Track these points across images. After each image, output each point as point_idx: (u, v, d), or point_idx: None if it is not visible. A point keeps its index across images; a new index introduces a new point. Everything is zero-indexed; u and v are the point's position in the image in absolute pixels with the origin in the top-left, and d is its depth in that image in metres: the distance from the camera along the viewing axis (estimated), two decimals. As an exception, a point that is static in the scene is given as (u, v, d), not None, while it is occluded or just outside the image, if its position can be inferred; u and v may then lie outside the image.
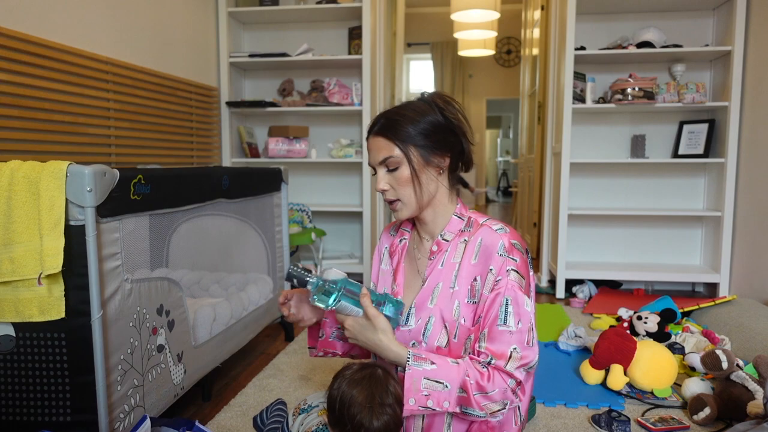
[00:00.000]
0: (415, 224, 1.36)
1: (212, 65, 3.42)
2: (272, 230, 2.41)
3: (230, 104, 3.47)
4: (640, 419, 1.69)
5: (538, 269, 3.83)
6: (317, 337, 1.40)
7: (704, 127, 3.21)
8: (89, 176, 1.20)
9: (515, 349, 1.14)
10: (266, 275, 2.38)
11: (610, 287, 3.45)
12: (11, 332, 1.26)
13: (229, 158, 3.51)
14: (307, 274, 1.19)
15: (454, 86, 9.39)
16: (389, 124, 1.21)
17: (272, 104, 3.48)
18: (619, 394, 1.90)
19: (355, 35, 3.52)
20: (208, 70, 3.36)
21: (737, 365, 1.73)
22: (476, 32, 5.78)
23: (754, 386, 1.63)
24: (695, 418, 1.67)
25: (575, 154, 3.36)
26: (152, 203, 1.44)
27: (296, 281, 1.19)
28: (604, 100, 3.26)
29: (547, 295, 3.44)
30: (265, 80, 3.76)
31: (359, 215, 3.64)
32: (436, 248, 1.27)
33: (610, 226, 3.54)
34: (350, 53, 3.54)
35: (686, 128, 3.28)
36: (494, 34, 5.91)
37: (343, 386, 1.16)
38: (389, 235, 1.43)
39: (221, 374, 2.09)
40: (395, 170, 1.21)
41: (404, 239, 1.37)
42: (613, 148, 3.47)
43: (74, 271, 1.22)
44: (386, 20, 3.92)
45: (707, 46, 3.16)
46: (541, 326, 2.68)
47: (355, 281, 1.23)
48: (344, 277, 1.21)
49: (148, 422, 1.21)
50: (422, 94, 1.28)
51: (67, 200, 1.21)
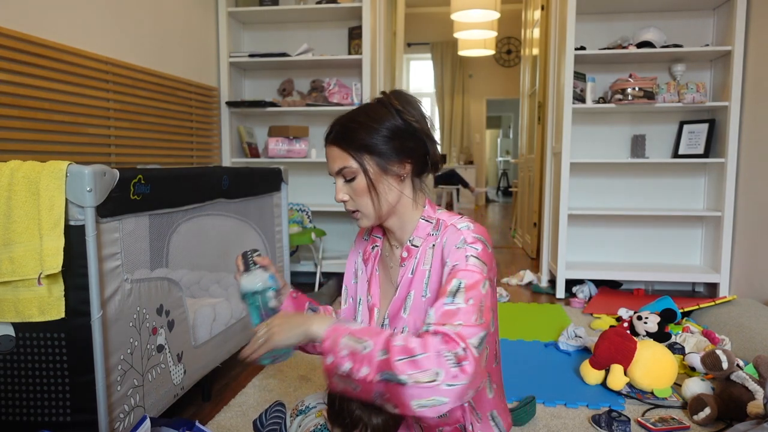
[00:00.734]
0: (384, 231, 1.30)
1: (212, 65, 3.41)
2: (272, 230, 2.41)
3: (230, 104, 3.47)
4: (640, 419, 1.69)
5: (538, 269, 3.83)
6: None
7: (704, 127, 3.21)
8: (89, 176, 1.20)
9: (459, 323, 0.99)
10: (266, 275, 2.38)
11: (610, 287, 3.45)
12: (11, 332, 1.26)
13: (229, 158, 3.51)
14: (253, 267, 1.22)
15: (454, 86, 9.40)
16: (343, 132, 1.14)
17: (272, 104, 3.48)
18: (619, 394, 1.90)
19: (355, 35, 3.52)
20: (208, 70, 3.36)
21: (737, 365, 1.73)
22: (476, 32, 5.78)
23: (754, 386, 1.63)
24: (695, 418, 1.67)
25: (575, 154, 3.36)
26: (152, 203, 1.44)
27: (243, 264, 1.22)
28: (604, 100, 3.26)
29: (547, 295, 3.44)
30: (265, 80, 3.76)
31: (359, 215, 3.64)
32: (406, 254, 1.22)
33: (610, 226, 3.54)
34: (350, 53, 3.54)
35: (686, 128, 3.28)
36: (494, 34, 5.91)
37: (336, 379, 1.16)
38: (362, 239, 1.38)
39: (221, 374, 2.09)
40: (352, 180, 1.15)
41: (376, 246, 1.32)
42: (613, 148, 3.47)
43: (74, 271, 1.22)
44: (386, 20, 3.92)
45: (707, 46, 3.16)
46: (541, 326, 2.69)
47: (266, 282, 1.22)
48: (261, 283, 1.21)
49: (148, 422, 1.21)
50: (380, 93, 1.20)
51: (67, 200, 1.21)
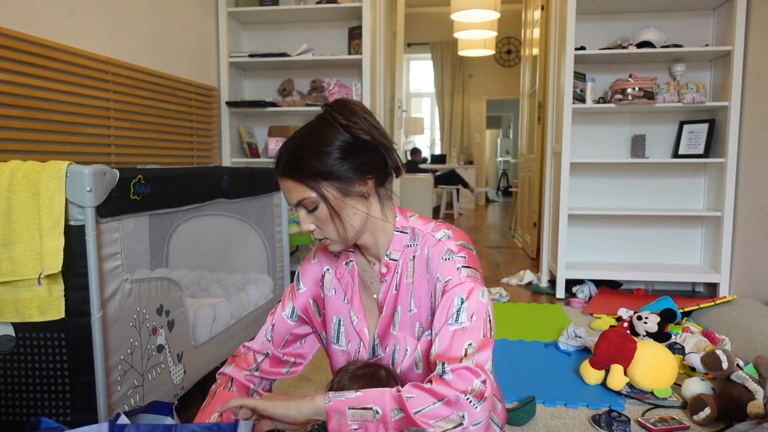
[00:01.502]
0: (357, 246, 1.22)
1: (212, 65, 3.42)
2: (272, 230, 2.41)
3: (230, 104, 3.47)
4: (640, 419, 1.69)
5: (538, 269, 3.83)
6: None
7: (704, 127, 3.21)
8: (89, 176, 1.20)
9: (470, 344, 0.99)
10: (266, 275, 2.38)
11: (610, 287, 3.45)
12: (11, 332, 1.26)
13: (229, 158, 3.51)
14: None
15: (454, 86, 9.40)
16: (293, 162, 1.05)
17: (272, 104, 3.48)
18: (619, 394, 1.90)
19: (355, 35, 3.52)
20: (208, 70, 3.36)
21: (737, 365, 1.73)
22: (476, 32, 5.78)
23: (754, 386, 1.63)
24: (695, 418, 1.67)
25: (575, 154, 3.36)
26: (152, 203, 1.44)
27: None
28: (604, 100, 3.26)
29: (547, 295, 3.44)
30: (265, 80, 3.76)
31: (359, 215, 3.64)
32: (385, 270, 1.16)
33: (610, 226, 3.54)
34: (350, 53, 3.54)
35: (686, 128, 3.29)
36: (494, 34, 5.91)
37: (344, 381, 1.14)
38: (332, 256, 1.25)
39: (221, 374, 2.09)
40: (314, 210, 1.07)
41: (351, 261, 1.23)
42: (613, 148, 3.47)
43: (74, 271, 1.22)
44: (386, 20, 3.92)
45: (707, 46, 3.16)
46: (541, 326, 2.69)
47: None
48: None
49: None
50: (322, 108, 1.11)
51: (66, 200, 1.21)
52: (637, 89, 3.07)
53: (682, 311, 2.55)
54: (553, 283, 3.51)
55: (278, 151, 1.09)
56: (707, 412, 1.65)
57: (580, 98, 3.25)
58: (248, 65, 3.62)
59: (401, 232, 1.16)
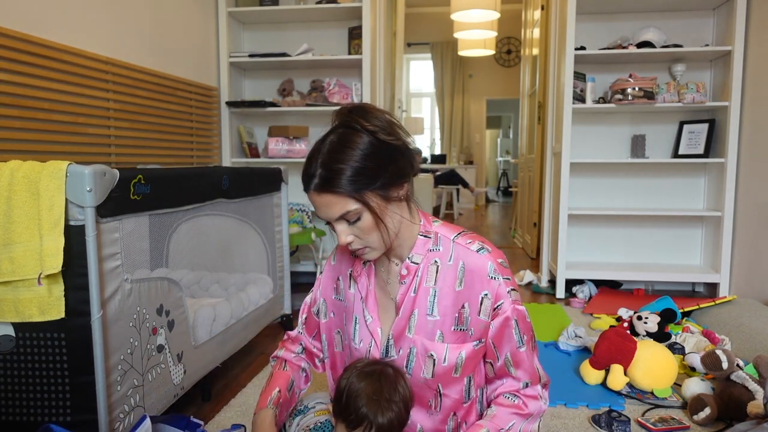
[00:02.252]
0: None
1: (212, 65, 3.41)
2: (272, 230, 2.41)
3: (230, 104, 3.47)
4: (640, 419, 1.69)
5: (538, 269, 3.83)
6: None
7: (704, 127, 3.21)
8: (89, 176, 1.20)
9: (537, 367, 1.18)
10: (266, 275, 2.38)
11: (610, 287, 3.45)
12: (11, 332, 1.26)
13: (229, 158, 3.51)
14: None
15: (454, 86, 9.40)
16: (331, 176, 1.02)
17: (272, 104, 3.48)
18: (619, 394, 1.90)
19: (355, 35, 3.52)
20: (208, 70, 3.36)
21: (737, 365, 1.73)
22: (476, 32, 5.78)
23: (754, 386, 1.63)
24: (695, 418, 1.67)
25: (575, 154, 3.36)
26: (152, 203, 1.44)
27: None
28: (604, 100, 3.26)
29: (547, 295, 3.44)
30: (265, 80, 3.76)
31: (359, 215, 3.64)
32: (405, 272, 1.17)
33: (610, 226, 3.54)
34: (350, 53, 3.54)
35: (686, 128, 3.29)
36: (494, 34, 5.91)
37: (352, 377, 1.14)
38: (350, 256, 1.27)
39: (221, 374, 2.09)
40: (357, 221, 1.06)
41: (368, 261, 1.24)
42: (613, 148, 3.47)
43: (74, 271, 1.22)
44: (386, 20, 3.92)
45: (707, 46, 3.16)
46: (541, 326, 2.68)
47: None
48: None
49: (148, 422, 1.21)
50: (338, 114, 1.09)
51: (67, 200, 1.21)
52: (637, 89, 3.07)
53: (682, 311, 2.55)
54: (553, 283, 3.51)
55: (307, 167, 1.06)
56: (707, 412, 1.65)
57: (580, 98, 3.25)
58: (248, 65, 3.62)
59: (425, 236, 1.17)
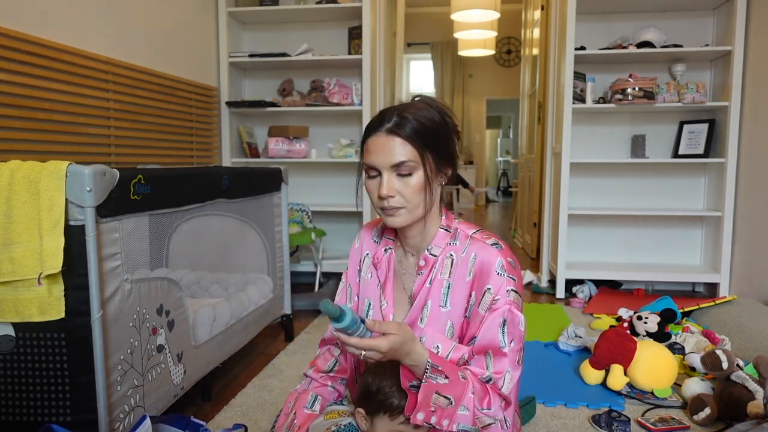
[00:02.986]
0: (397, 234, 1.27)
1: (212, 65, 3.41)
2: (272, 230, 2.41)
3: (230, 104, 3.46)
4: (640, 419, 1.69)
5: (538, 269, 3.83)
6: None
7: (704, 127, 3.21)
8: (89, 176, 1.20)
9: (509, 371, 1.14)
10: (266, 275, 2.38)
11: (610, 287, 3.45)
12: (11, 332, 1.26)
13: (229, 158, 3.51)
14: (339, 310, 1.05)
15: (454, 86, 9.40)
16: (408, 124, 1.09)
17: (272, 104, 3.48)
18: (619, 394, 1.90)
19: (355, 35, 3.52)
20: (208, 70, 3.36)
21: (737, 365, 1.73)
22: (476, 32, 5.78)
23: (754, 386, 1.63)
24: (695, 418, 1.67)
25: (575, 154, 3.35)
26: (152, 203, 1.44)
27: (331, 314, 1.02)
28: (604, 100, 3.26)
29: (547, 295, 3.44)
30: (265, 80, 3.76)
31: (359, 215, 3.64)
32: (423, 263, 1.20)
33: (610, 226, 3.54)
34: (350, 53, 3.54)
35: (686, 128, 3.28)
36: (494, 34, 5.91)
37: (376, 374, 1.18)
38: (372, 241, 1.32)
39: (221, 374, 2.09)
40: (407, 176, 1.10)
41: (389, 249, 1.28)
42: (613, 148, 3.46)
43: (74, 271, 1.22)
44: (386, 20, 3.92)
45: (707, 46, 3.16)
46: (541, 326, 2.68)
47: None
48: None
49: (148, 422, 1.21)
50: (422, 97, 1.18)
51: (66, 200, 1.20)
52: (637, 89, 3.07)
53: (682, 311, 2.55)
54: (553, 283, 3.51)
55: (379, 116, 1.13)
56: (707, 412, 1.65)
57: (580, 98, 3.25)
58: (248, 65, 3.62)
59: (445, 230, 1.20)
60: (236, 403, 1.84)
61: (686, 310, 2.62)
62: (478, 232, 1.20)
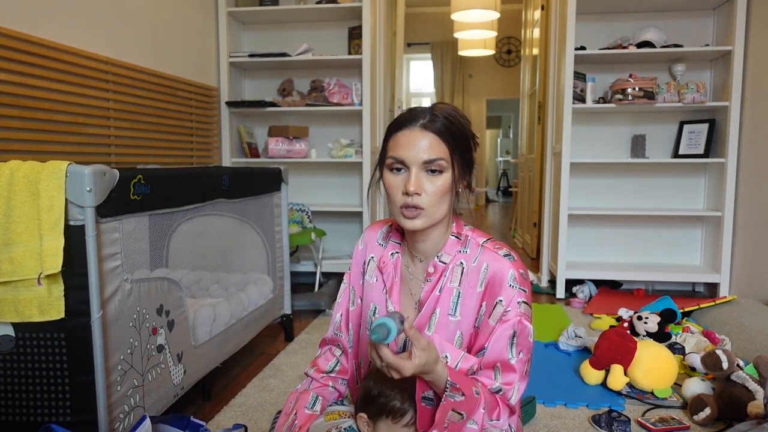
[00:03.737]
0: (404, 238, 1.26)
1: (212, 65, 3.41)
2: (272, 230, 2.41)
3: (230, 104, 3.46)
4: (640, 419, 1.69)
5: (538, 269, 3.83)
6: None
7: (704, 127, 3.21)
8: (89, 176, 1.20)
9: (518, 382, 1.15)
10: (266, 275, 2.38)
11: (610, 287, 3.45)
12: (11, 332, 1.26)
13: (229, 158, 3.51)
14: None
15: (454, 86, 9.39)
16: (447, 125, 1.09)
17: (272, 104, 3.48)
18: (619, 394, 1.90)
19: (355, 35, 3.52)
20: (207, 70, 3.36)
21: (737, 365, 1.73)
22: (476, 32, 5.78)
23: (754, 386, 1.63)
24: (695, 418, 1.67)
25: (575, 154, 3.35)
26: (152, 203, 1.44)
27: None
28: (604, 100, 3.26)
29: (547, 295, 3.44)
30: (265, 80, 3.76)
31: (359, 215, 3.64)
32: (432, 270, 1.18)
33: (610, 226, 3.54)
34: (350, 53, 3.54)
35: (686, 128, 3.28)
36: (494, 34, 5.91)
37: (377, 378, 1.17)
38: (377, 244, 1.29)
39: (221, 374, 2.09)
40: (437, 175, 1.09)
41: (396, 253, 1.26)
42: (613, 148, 3.46)
43: (74, 271, 1.22)
44: (386, 20, 3.92)
45: (707, 46, 3.16)
46: (541, 326, 2.68)
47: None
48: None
49: (148, 422, 1.21)
50: (443, 103, 1.17)
51: (66, 200, 1.20)
52: (637, 89, 3.07)
53: (682, 311, 2.55)
54: (553, 283, 3.51)
55: (411, 112, 1.12)
56: (707, 412, 1.65)
57: (580, 98, 3.25)
58: (248, 65, 3.62)
59: (456, 237, 1.19)
60: (236, 403, 1.84)
61: (686, 310, 2.62)
62: (489, 241, 1.19)
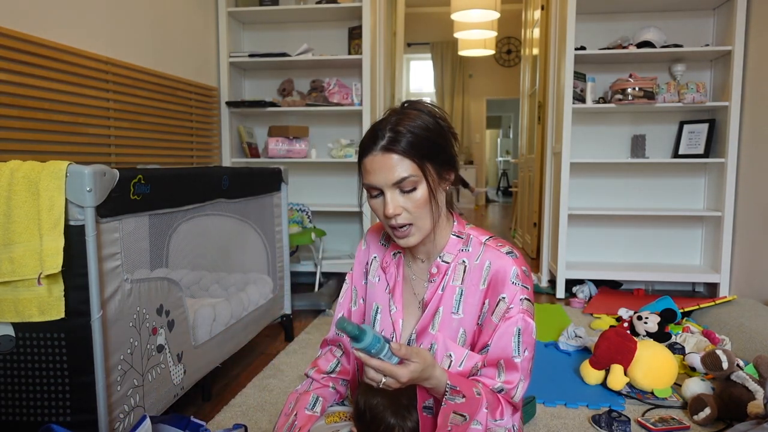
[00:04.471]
0: None
1: (212, 65, 3.41)
2: (272, 230, 2.41)
3: (230, 104, 3.46)
4: (640, 419, 1.69)
5: (538, 269, 3.83)
6: None
7: (704, 127, 3.21)
8: (89, 176, 1.20)
9: (521, 380, 1.13)
10: (266, 275, 2.38)
11: (610, 287, 3.45)
12: (11, 332, 1.26)
13: (229, 158, 3.51)
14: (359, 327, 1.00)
15: (454, 86, 9.40)
16: (403, 138, 1.05)
17: (272, 104, 3.48)
18: (619, 394, 1.90)
19: (355, 35, 3.52)
20: (208, 70, 3.36)
21: (737, 365, 1.73)
22: (476, 32, 5.78)
23: (754, 386, 1.63)
24: (695, 418, 1.67)
25: (575, 154, 3.35)
26: (152, 203, 1.44)
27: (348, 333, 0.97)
28: (604, 100, 3.26)
29: (547, 295, 3.44)
30: (265, 80, 3.76)
31: (359, 215, 3.64)
32: (436, 270, 1.18)
33: (610, 226, 3.54)
34: (350, 53, 3.54)
35: (686, 128, 3.28)
36: (494, 34, 5.91)
37: (368, 394, 1.15)
38: (380, 244, 1.30)
39: (221, 374, 2.09)
40: (411, 191, 1.07)
41: (398, 253, 1.26)
42: (613, 148, 3.46)
43: (74, 271, 1.22)
44: (386, 20, 3.92)
45: (707, 45, 3.16)
46: (541, 326, 2.68)
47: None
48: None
49: (148, 422, 1.21)
50: (410, 103, 1.14)
51: (66, 200, 1.20)
52: (637, 89, 3.07)
53: (682, 311, 2.55)
54: (553, 283, 3.51)
55: (371, 134, 1.08)
56: (707, 412, 1.65)
57: (580, 98, 3.25)
58: (248, 65, 3.62)
59: (457, 236, 1.19)
60: (236, 403, 1.84)
61: (686, 310, 2.62)
62: (491, 239, 1.19)
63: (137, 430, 1.19)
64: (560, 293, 3.29)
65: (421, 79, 10.09)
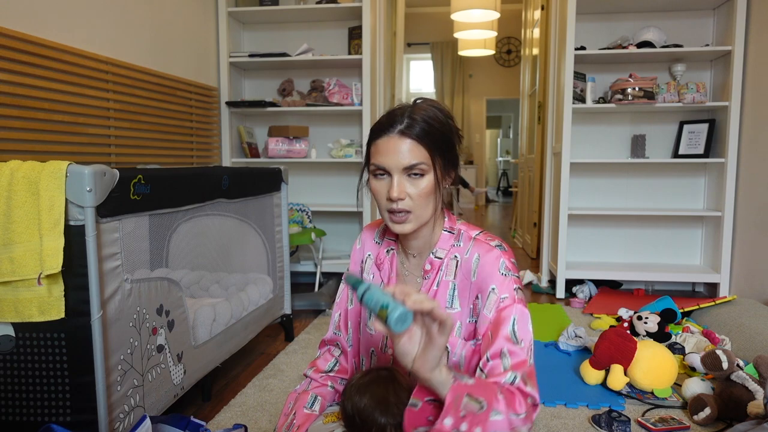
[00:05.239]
0: (398, 236, 1.26)
1: (212, 65, 3.41)
2: (272, 230, 2.41)
3: (230, 104, 3.46)
4: (640, 419, 1.69)
5: (538, 269, 3.83)
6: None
7: (704, 127, 3.21)
8: (89, 176, 1.20)
9: (529, 364, 1.09)
10: (266, 275, 2.38)
11: (610, 287, 3.45)
12: (11, 332, 1.26)
13: (229, 158, 3.51)
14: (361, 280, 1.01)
15: (454, 86, 9.39)
16: (419, 126, 1.09)
17: (272, 104, 3.48)
18: (619, 394, 1.90)
19: (355, 35, 3.52)
20: (207, 70, 3.36)
21: (737, 365, 1.73)
22: (476, 32, 5.78)
23: (754, 386, 1.63)
24: (695, 418, 1.67)
25: (575, 154, 3.36)
26: (152, 203, 1.44)
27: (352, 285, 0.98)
28: (604, 100, 3.26)
29: (547, 295, 3.44)
30: (265, 80, 3.76)
31: (359, 215, 3.64)
32: (429, 267, 1.20)
33: (610, 226, 3.54)
34: (350, 53, 3.54)
35: (686, 128, 3.28)
36: (494, 34, 5.91)
37: (354, 397, 1.14)
38: (374, 242, 1.31)
39: (221, 374, 2.09)
40: (419, 178, 1.10)
41: (392, 249, 1.27)
42: (613, 148, 3.47)
43: (74, 271, 1.22)
44: (386, 20, 3.92)
45: (707, 46, 3.16)
46: (541, 326, 2.68)
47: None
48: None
49: (148, 422, 1.21)
50: (424, 100, 1.17)
51: (66, 200, 1.20)
52: (637, 89, 3.07)
53: (682, 311, 2.55)
54: (553, 283, 3.51)
55: (392, 113, 1.11)
56: (707, 412, 1.65)
57: (580, 98, 3.25)
58: (248, 65, 3.62)
59: (449, 232, 1.21)
60: (236, 403, 1.84)
61: (686, 310, 2.62)
62: (481, 233, 1.21)
63: (137, 430, 1.19)
64: (560, 293, 3.29)
65: (421, 79, 10.10)
